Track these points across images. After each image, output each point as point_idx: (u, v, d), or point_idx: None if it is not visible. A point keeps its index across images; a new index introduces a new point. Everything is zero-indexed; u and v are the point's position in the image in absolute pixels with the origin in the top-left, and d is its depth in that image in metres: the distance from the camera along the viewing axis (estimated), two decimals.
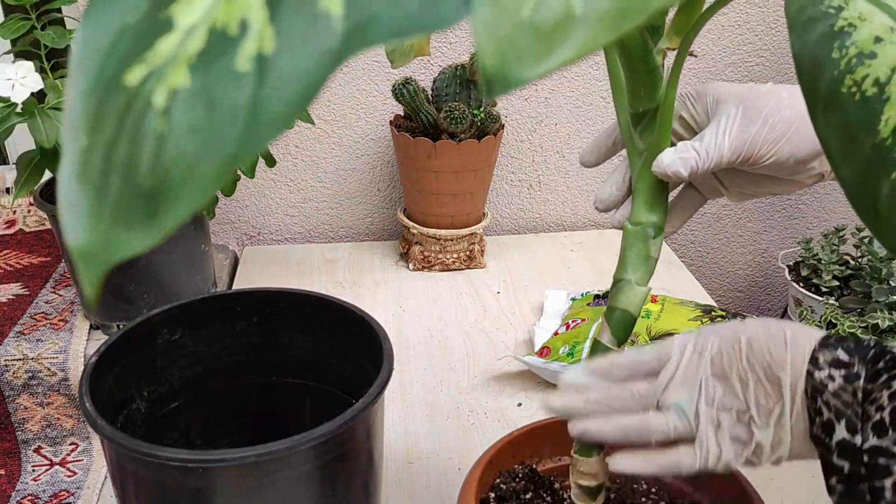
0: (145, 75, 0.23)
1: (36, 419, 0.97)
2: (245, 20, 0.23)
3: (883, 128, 0.33)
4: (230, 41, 0.23)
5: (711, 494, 0.62)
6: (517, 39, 0.20)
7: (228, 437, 0.74)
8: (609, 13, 0.21)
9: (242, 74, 0.22)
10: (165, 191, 0.23)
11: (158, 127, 0.23)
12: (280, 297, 0.72)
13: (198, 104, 0.23)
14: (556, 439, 0.64)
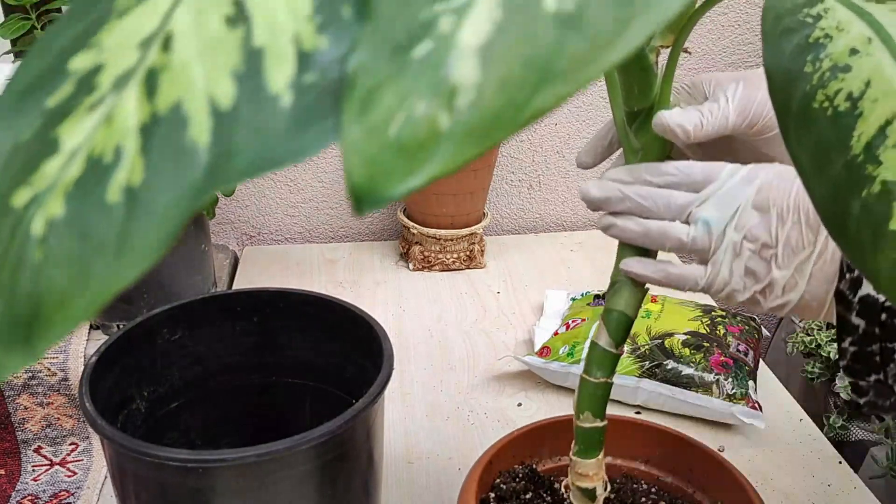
0: (30, 199, 0.23)
1: (36, 419, 0.97)
2: (119, 147, 0.23)
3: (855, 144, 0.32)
4: (104, 170, 0.23)
5: (711, 494, 0.62)
6: (384, 158, 0.21)
7: (228, 437, 0.74)
8: (476, 128, 0.21)
9: (112, 206, 0.22)
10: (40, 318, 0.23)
11: (35, 256, 0.23)
12: (280, 297, 0.72)
13: (71, 235, 0.23)
14: (555, 439, 0.64)
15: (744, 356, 0.91)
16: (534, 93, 0.21)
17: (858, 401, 0.45)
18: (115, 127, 0.23)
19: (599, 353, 0.51)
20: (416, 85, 0.21)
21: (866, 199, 0.31)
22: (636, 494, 0.62)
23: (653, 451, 0.65)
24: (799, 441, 0.86)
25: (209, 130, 0.22)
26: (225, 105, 0.23)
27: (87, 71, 0.24)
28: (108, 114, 0.23)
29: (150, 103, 0.23)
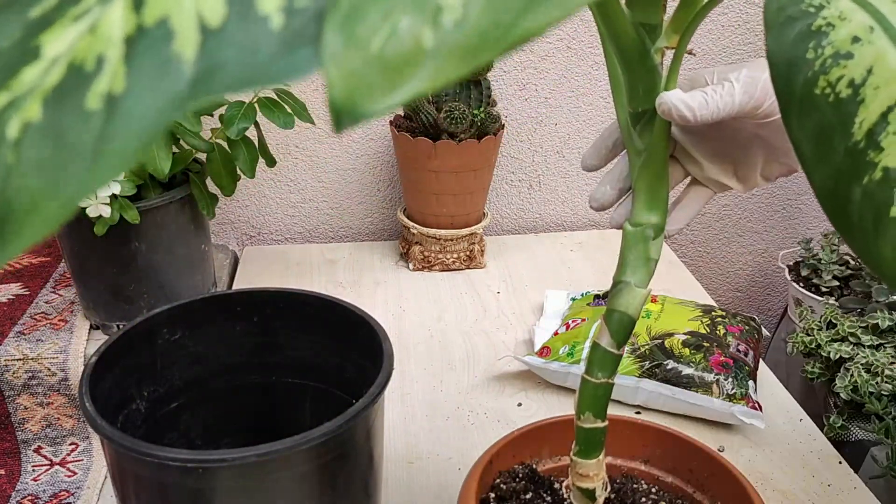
0: (6, 103, 0.23)
1: (36, 419, 0.97)
2: (102, 56, 0.23)
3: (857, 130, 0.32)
4: (85, 77, 0.23)
5: (711, 494, 0.62)
6: (366, 73, 0.20)
7: (228, 438, 0.74)
8: (461, 47, 0.21)
9: (91, 113, 0.23)
10: (9, 222, 0.23)
11: (8, 158, 0.23)
12: (280, 297, 0.72)
13: (46, 139, 0.23)
14: (555, 439, 0.64)
15: (744, 356, 0.91)
16: (521, 15, 0.21)
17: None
18: (99, 36, 0.23)
19: (601, 353, 0.51)
20: (401, 1, 0.21)
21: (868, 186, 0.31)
22: (636, 494, 0.62)
23: (653, 451, 0.65)
24: (799, 441, 0.86)
25: (195, 45, 0.23)
26: (214, 23, 0.23)
27: None
28: (93, 24, 0.23)
29: (137, 16, 0.23)
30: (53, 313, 1.04)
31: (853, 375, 1.02)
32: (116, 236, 0.92)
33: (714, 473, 0.61)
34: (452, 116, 1.08)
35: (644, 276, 0.50)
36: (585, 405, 0.52)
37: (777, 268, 1.49)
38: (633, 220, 0.50)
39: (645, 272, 0.50)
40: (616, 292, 0.50)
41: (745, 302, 1.56)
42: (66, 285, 1.11)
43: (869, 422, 1.02)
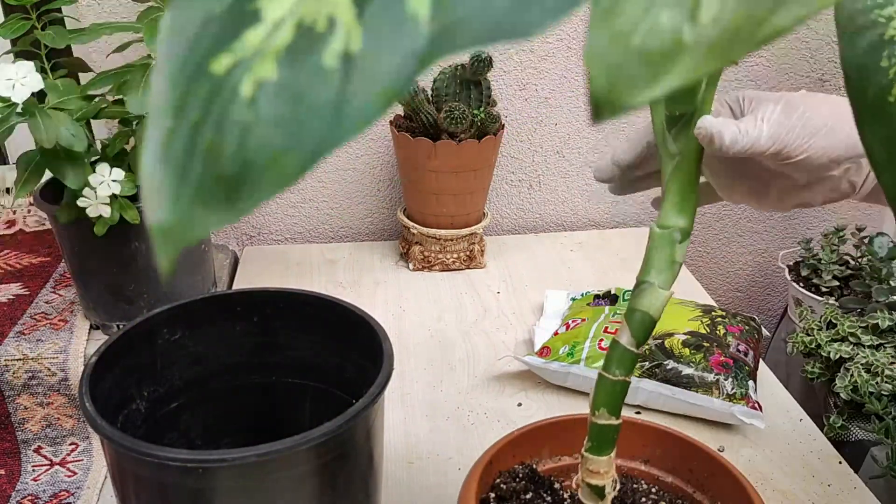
0: (231, 64, 0.24)
1: (36, 419, 0.97)
2: (332, 17, 0.23)
3: None
4: (318, 37, 0.23)
5: (711, 495, 0.62)
6: (627, 66, 0.21)
7: (228, 438, 0.74)
8: (717, 42, 0.21)
9: (329, 71, 0.23)
10: (247, 178, 0.23)
11: (244, 116, 0.23)
12: (280, 297, 0.72)
13: (284, 97, 0.23)
14: (556, 439, 0.64)
15: (744, 356, 0.91)
16: (772, 12, 0.21)
17: None
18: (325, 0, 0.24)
19: (620, 351, 0.51)
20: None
21: None
22: (636, 494, 0.62)
23: (653, 451, 0.65)
24: (799, 441, 0.86)
25: (429, 3, 0.23)
26: None
27: None
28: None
29: None
30: (53, 313, 1.04)
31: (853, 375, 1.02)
32: (116, 236, 0.92)
33: (714, 473, 0.61)
34: (452, 116, 1.08)
35: (668, 277, 0.50)
36: (601, 401, 0.52)
37: (777, 268, 1.49)
38: (661, 222, 0.50)
39: (669, 274, 0.50)
40: (639, 292, 0.51)
41: (745, 302, 1.56)
42: (66, 285, 1.11)
43: (869, 422, 1.02)
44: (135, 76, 0.88)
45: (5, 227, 1.28)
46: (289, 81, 0.23)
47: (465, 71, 1.11)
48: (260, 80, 0.23)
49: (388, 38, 0.23)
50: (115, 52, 0.99)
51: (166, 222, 0.24)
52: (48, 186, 0.97)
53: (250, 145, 0.23)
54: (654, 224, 0.50)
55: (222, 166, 0.24)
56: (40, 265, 1.17)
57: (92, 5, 1.17)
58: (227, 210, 0.24)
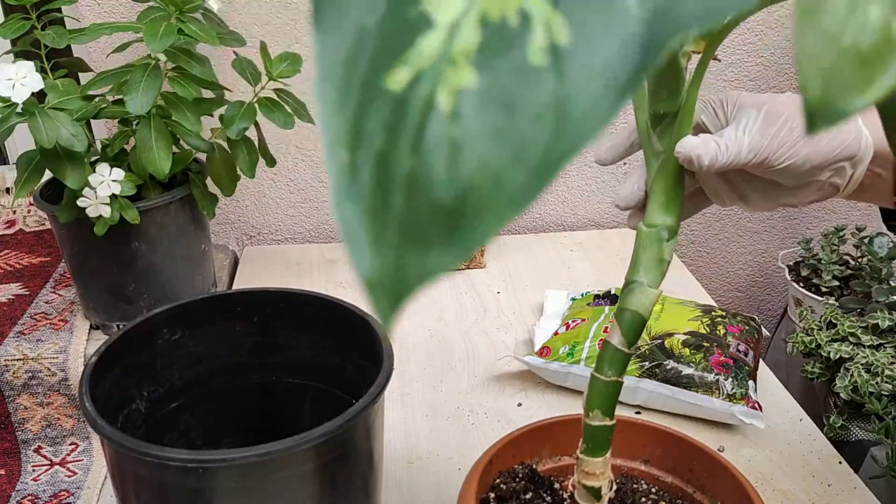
0: (412, 77, 0.21)
1: (36, 419, 0.97)
2: (524, 10, 0.21)
3: None
4: (514, 33, 0.20)
5: (711, 494, 0.62)
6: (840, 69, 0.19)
7: (228, 438, 0.74)
8: None
9: (538, 69, 0.20)
10: (468, 205, 0.20)
11: (450, 132, 0.20)
12: (280, 297, 0.72)
13: (492, 105, 0.20)
14: (555, 439, 0.64)
15: (744, 356, 0.91)
16: None
17: None
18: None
19: (611, 351, 0.51)
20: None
21: None
22: (636, 494, 0.62)
23: (653, 451, 0.65)
24: (799, 441, 0.86)
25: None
26: None
27: None
28: None
29: None
30: (53, 313, 1.04)
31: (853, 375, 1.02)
32: (116, 236, 0.92)
33: (714, 473, 0.61)
34: None
35: (656, 276, 0.50)
36: (594, 403, 0.53)
37: (777, 268, 1.49)
38: (647, 221, 0.50)
39: (657, 273, 0.50)
40: (628, 292, 0.51)
41: (745, 302, 1.56)
42: (66, 285, 1.11)
43: (869, 422, 1.02)
44: (135, 76, 0.88)
45: (5, 227, 1.28)
46: (493, 86, 0.20)
47: None
48: (457, 89, 0.20)
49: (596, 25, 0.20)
50: (115, 51, 0.99)
51: (376, 275, 0.21)
52: (48, 186, 0.97)
53: (465, 166, 0.20)
54: (642, 223, 0.51)
55: (434, 195, 0.20)
56: (40, 265, 1.17)
57: (92, 5, 1.17)
58: (448, 248, 0.20)
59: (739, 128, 0.51)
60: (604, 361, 0.52)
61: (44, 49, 0.94)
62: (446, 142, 0.20)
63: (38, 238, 1.25)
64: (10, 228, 1.27)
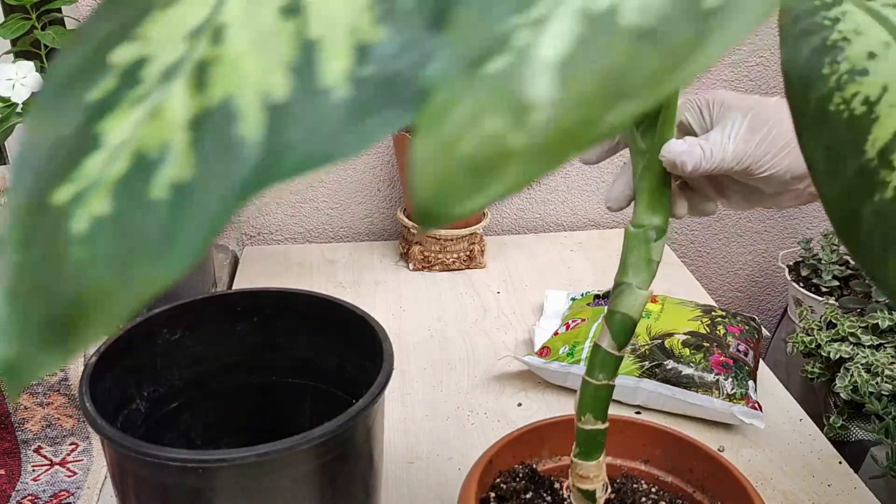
0: (72, 196, 0.23)
1: (36, 419, 0.97)
2: (167, 143, 0.22)
3: (869, 148, 0.32)
4: (150, 165, 0.22)
5: (711, 494, 0.62)
6: (453, 176, 0.20)
7: (228, 438, 0.74)
8: (547, 146, 0.20)
9: (157, 203, 0.22)
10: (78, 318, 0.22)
11: (78, 254, 0.22)
12: (280, 297, 0.72)
13: (115, 233, 0.22)
14: (556, 439, 0.64)
15: (744, 356, 0.91)
16: (607, 109, 0.20)
17: None
18: (163, 121, 0.23)
19: (602, 355, 0.51)
20: (490, 101, 0.20)
21: (879, 205, 0.31)
22: (636, 494, 0.62)
23: (652, 451, 0.65)
24: (799, 441, 0.86)
25: (262, 125, 0.22)
26: (279, 98, 0.22)
27: (130, 63, 0.24)
28: (155, 108, 0.23)
29: (200, 97, 0.22)
30: None
31: (853, 375, 1.02)
32: None
33: (714, 473, 0.61)
34: None
35: (645, 277, 0.50)
36: (586, 406, 0.52)
37: (777, 268, 1.49)
38: (634, 222, 0.50)
39: (646, 274, 0.50)
40: (617, 294, 0.50)
41: (745, 302, 1.56)
42: None
43: (869, 422, 1.02)
44: None
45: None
46: (120, 215, 0.22)
47: None
48: (94, 215, 0.22)
49: (217, 165, 0.22)
50: None
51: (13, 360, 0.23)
52: None
53: (82, 285, 0.22)
54: (629, 224, 0.50)
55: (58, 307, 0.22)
56: None
57: (92, 5, 1.17)
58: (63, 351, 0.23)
59: (724, 133, 0.50)
60: (594, 365, 0.51)
61: (44, 49, 0.94)
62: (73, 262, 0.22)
63: None
64: None
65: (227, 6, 0.23)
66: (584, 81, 0.20)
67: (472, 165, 0.20)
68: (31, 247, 0.23)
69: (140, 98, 0.23)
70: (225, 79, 0.22)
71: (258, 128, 0.22)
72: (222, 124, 0.22)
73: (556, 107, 0.20)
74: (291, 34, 0.22)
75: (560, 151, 0.20)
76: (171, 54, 0.23)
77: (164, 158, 0.22)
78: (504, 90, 0.20)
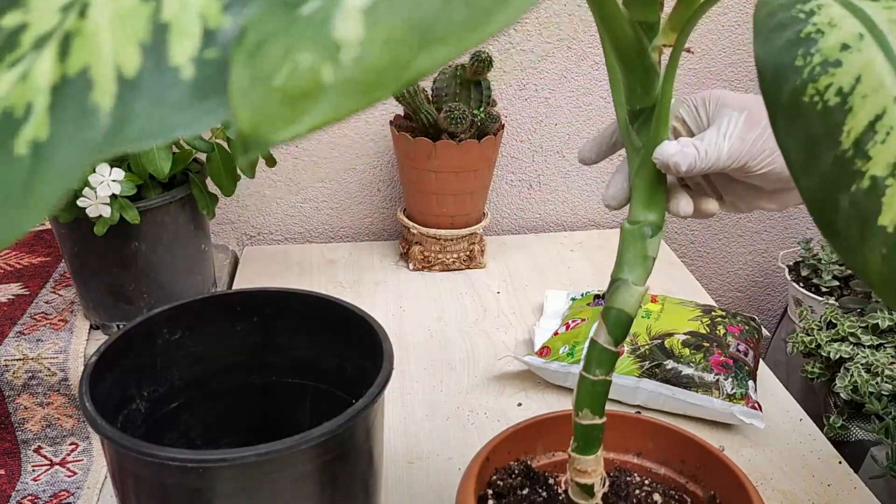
0: None
1: (36, 419, 0.97)
2: (30, 104, 0.24)
3: (844, 139, 0.32)
4: (15, 123, 0.24)
5: (704, 484, 0.62)
6: (269, 106, 0.22)
7: (228, 438, 0.74)
8: (359, 82, 0.22)
9: (19, 158, 0.24)
10: None
11: None
12: (280, 297, 0.72)
13: None
14: (549, 435, 0.65)
15: (744, 356, 0.91)
16: (416, 54, 0.22)
17: None
18: (29, 84, 0.25)
19: (599, 351, 0.51)
20: (302, 39, 0.22)
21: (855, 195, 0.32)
22: (630, 487, 0.63)
23: (645, 444, 0.65)
24: (799, 441, 0.86)
25: (113, 96, 0.24)
26: (129, 73, 0.24)
27: (12, 29, 0.26)
28: (25, 71, 0.25)
29: (62, 65, 0.25)
30: (53, 313, 1.04)
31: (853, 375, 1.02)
32: (116, 236, 0.92)
33: (706, 464, 0.62)
34: (452, 116, 1.08)
35: (641, 273, 0.50)
36: (584, 402, 0.52)
37: (777, 268, 1.49)
38: (630, 218, 0.50)
39: (642, 270, 0.50)
40: (614, 290, 0.50)
41: (745, 302, 1.56)
42: (66, 285, 1.11)
43: (869, 422, 1.02)
44: None
45: None
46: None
47: (465, 71, 1.11)
48: None
49: (71, 128, 0.24)
50: None
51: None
52: None
53: None
54: (625, 220, 0.51)
55: None
56: (40, 265, 1.17)
57: None
58: None
59: (720, 132, 0.50)
60: (591, 361, 0.52)
61: None
62: None
63: (38, 238, 1.25)
64: None
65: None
66: (391, 26, 0.22)
67: (287, 97, 0.22)
68: None
69: (15, 61, 0.25)
70: (84, 50, 0.25)
71: (109, 98, 0.24)
72: (78, 92, 0.24)
73: (364, 46, 0.22)
74: (147, 15, 0.25)
75: (372, 88, 0.22)
76: (46, 23, 0.25)
77: (27, 118, 0.24)
78: (316, 29, 0.22)
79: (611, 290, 0.51)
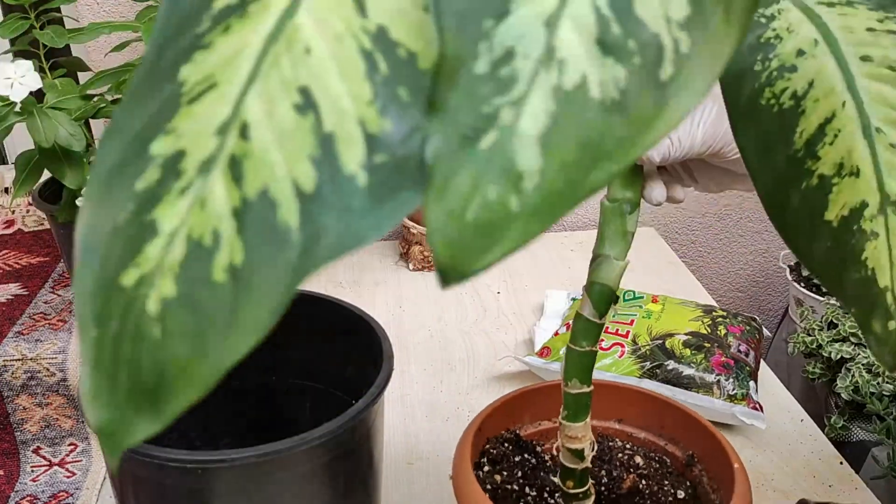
0: (138, 278, 0.25)
1: (35, 420, 0.97)
2: (217, 231, 0.25)
3: (797, 140, 0.34)
4: (206, 252, 0.25)
5: (683, 445, 0.64)
6: (464, 239, 0.23)
7: (228, 438, 0.74)
8: (541, 207, 0.23)
9: (219, 284, 0.25)
10: (164, 388, 0.25)
11: (154, 332, 0.25)
12: None
13: (186, 311, 0.25)
14: (535, 406, 0.67)
15: (745, 356, 0.91)
16: (588, 172, 0.23)
17: None
18: (209, 211, 0.25)
19: (584, 323, 0.54)
20: (487, 172, 0.23)
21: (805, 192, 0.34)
22: (613, 451, 0.65)
23: (625, 411, 0.67)
24: (800, 441, 0.86)
25: (297, 212, 0.25)
26: (308, 188, 0.25)
27: (169, 156, 0.26)
28: (200, 198, 0.25)
29: (239, 189, 0.25)
30: (52, 313, 1.04)
31: (854, 376, 1.01)
32: None
33: (685, 426, 0.64)
34: None
35: (622, 248, 0.53)
36: (572, 372, 0.55)
37: (778, 268, 1.49)
38: (610, 196, 0.53)
39: (623, 245, 0.53)
40: (596, 266, 0.53)
41: (746, 302, 1.56)
42: (65, 285, 1.11)
43: (870, 422, 1.02)
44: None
45: (4, 226, 1.27)
46: (187, 296, 0.25)
47: None
48: (163, 297, 0.25)
49: (265, 250, 0.25)
50: (114, 51, 0.99)
51: (107, 426, 0.26)
52: (47, 186, 0.97)
53: (164, 358, 0.25)
54: (605, 198, 0.53)
55: (143, 377, 0.25)
56: (39, 265, 1.17)
57: (90, 4, 1.17)
58: (155, 417, 0.26)
59: (693, 121, 0.52)
60: (578, 333, 0.54)
61: (42, 48, 0.94)
62: (152, 338, 0.25)
63: (36, 238, 1.24)
64: (8, 228, 1.27)
65: (246, 105, 0.26)
66: (565, 150, 0.23)
67: (479, 228, 0.23)
68: (106, 323, 0.26)
69: (184, 188, 0.26)
70: (258, 171, 0.25)
71: (295, 215, 0.25)
72: (263, 213, 0.25)
73: (543, 173, 0.23)
74: (310, 129, 0.25)
75: (554, 210, 0.23)
76: (205, 148, 0.26)
77: (217, 245, 0.25)
78: (498, 162, 0.23)
79: (593, 266, 0.53)
